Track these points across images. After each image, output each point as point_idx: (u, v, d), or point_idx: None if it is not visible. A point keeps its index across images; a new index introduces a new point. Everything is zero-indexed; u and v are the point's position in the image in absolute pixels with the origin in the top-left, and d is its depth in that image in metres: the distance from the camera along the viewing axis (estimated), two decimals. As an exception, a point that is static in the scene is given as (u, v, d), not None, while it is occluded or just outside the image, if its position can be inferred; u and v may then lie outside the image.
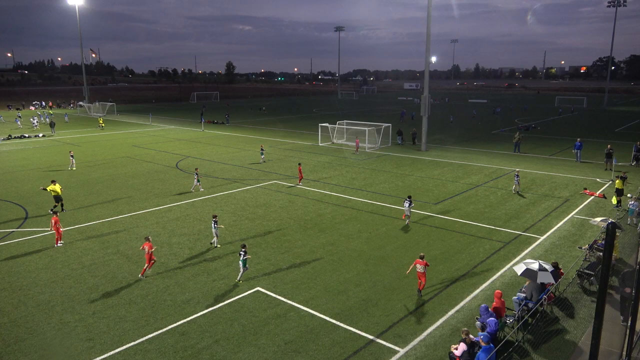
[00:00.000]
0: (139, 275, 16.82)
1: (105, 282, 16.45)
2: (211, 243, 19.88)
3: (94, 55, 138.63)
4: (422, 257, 15.49)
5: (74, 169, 35.52)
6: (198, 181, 28.64)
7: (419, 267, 15.44)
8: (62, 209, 24.30)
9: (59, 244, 19.76)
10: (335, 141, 49.24)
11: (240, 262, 16.41)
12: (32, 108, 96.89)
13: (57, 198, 24.12)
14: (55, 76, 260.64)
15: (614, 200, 25.48)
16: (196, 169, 29.37)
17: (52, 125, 57.96)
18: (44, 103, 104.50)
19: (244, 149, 45.22)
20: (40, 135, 55.07)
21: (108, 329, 13.50)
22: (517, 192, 28.28)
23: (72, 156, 36.02)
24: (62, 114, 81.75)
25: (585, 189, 28.70)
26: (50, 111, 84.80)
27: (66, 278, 16.78)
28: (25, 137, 53.78)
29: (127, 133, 58.51)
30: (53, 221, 19.80)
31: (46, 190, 24.11)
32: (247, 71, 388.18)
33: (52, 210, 23.74)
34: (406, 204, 22.55)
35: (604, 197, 27.33)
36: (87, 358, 12.18)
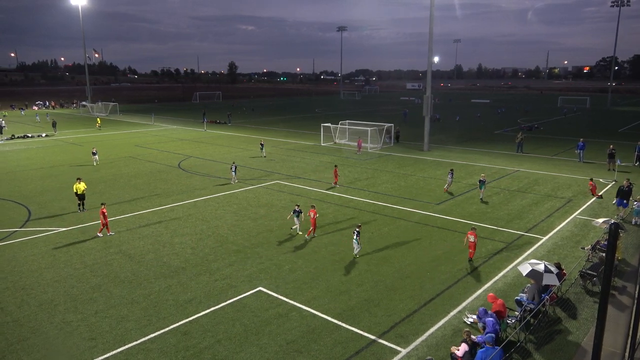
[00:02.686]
0: (306, 236, 20.61)
1: (107, 282, 16.50)
2: (292, 228, 21.50)
3: (97, 55, 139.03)
4: (473, 229, 18.15)
5: (97, 163, 37.15)
6: (235, 173, 30.93)
7: (471, 238, 17.83)
8: (81, 209, 24.60)
9: (110, 234, 21.06)
10: (337, 141, 49.22)
11: (354, 240, 18.47)
12: (35, 108, 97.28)
13: (79, 196, 24.52)
14: (59, 76, 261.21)
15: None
16: (233, 162, 32.06)
17: (54, 124, 58.18)
18: (47, 103, 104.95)
19: (246, 148, 45.25)
20: (44, 135, 55.28)
21: (110, 329, 13.53)
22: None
23: (94, 153, 37.55)
24: (43, 113, 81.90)
25: (591, 180, 28.02)
26: (4, 113, 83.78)
27: (69, 277, 16.83)
28: (28, 136, 53.99)
29: (130, 133, 58.64)
30: (100, 212, 20.84)
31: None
32: (250, 71, 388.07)
33: (80, 209, 24.73)
34: (449, 176, 28.67)
35: (600, 197, 27.12)
36: (90, 357, 12.22)
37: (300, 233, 21.18)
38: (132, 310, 14.59)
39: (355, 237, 18.52)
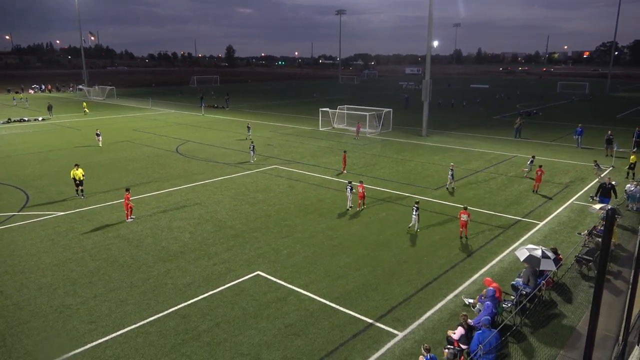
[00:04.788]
0: (357, 208, 22.36)
1: (106, 266, 16.56)
2: (350, 207, 22.58)
3: (92, 38, 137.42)
4: (465, 208, 18.85)
5: (100, 145, 38.20)
6: (254, 152, 32.62)
7: (463, 217, 18.61)
8: (80, 194, 24.46)
9: (129, 220, 20.89)
10: (335, 126, 49.06)
11: (414, 216, 19.61)
12: (32, 92, 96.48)
13: (77, 182, 24.35)
14: (55, 59, 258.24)
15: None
16: (252, 142, 34.22)
17: (49, 108, 57.74)
18: (43, 86, 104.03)
19: (244, 133, 45.06)
20: (40, 119, 54.95)
21: (110, 312, 13.63)
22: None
23: (98, 135, 38.82)
24: (21, 97, 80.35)
25: (541, 167, 25.77)
26: (21, 96, 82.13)
27: (68, 261, 16.89)
28: (25, 120, 53.67)
29: (127, 117, 58.30)
30: (125, 198, 20.91)
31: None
32: (248, 55, 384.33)
33: (79, 194, 24.46)
34: (528, 163, 29.05)
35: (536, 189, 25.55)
36: (89, 340, 12.32)
37: (351, 207, 22.57)
38: (131, 294, 14.68)
39: (413, 213, 19.64)
